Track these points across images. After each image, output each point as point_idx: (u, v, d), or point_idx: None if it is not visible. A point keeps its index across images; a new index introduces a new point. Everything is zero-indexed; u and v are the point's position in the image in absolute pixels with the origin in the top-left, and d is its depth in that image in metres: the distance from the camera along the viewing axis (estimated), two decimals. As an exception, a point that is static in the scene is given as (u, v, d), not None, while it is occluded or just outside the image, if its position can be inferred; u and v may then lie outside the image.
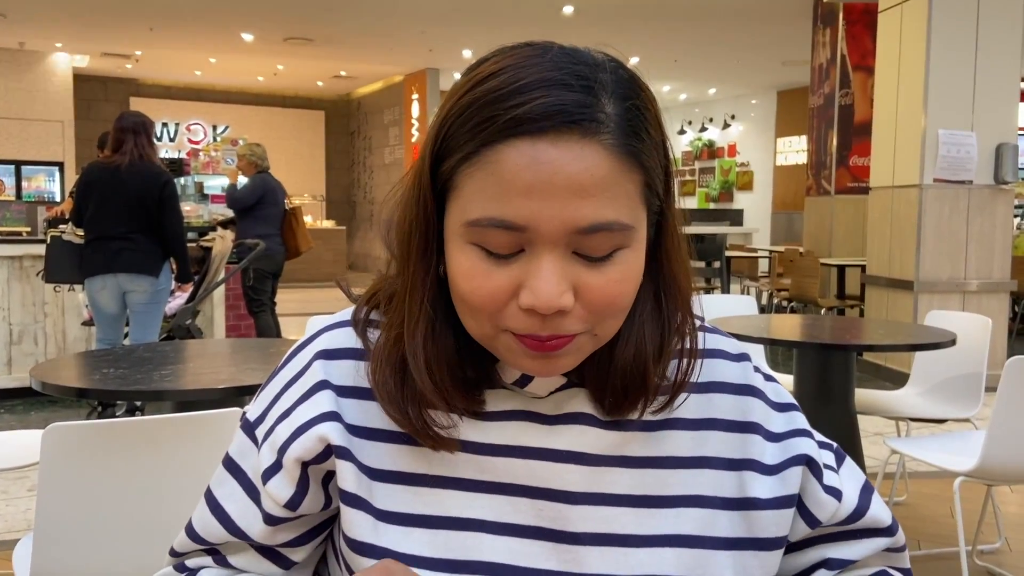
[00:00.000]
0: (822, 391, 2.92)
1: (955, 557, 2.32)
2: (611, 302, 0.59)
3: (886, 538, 0.72)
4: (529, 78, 0.56)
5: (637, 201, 0.59)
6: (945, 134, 5.17)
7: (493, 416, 0.66)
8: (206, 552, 0.70)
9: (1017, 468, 2.38)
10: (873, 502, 0.71)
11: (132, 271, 4.07)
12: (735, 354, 0.72)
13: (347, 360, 0.67)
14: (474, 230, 0.57)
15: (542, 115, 0.55)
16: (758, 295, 8.47)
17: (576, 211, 0.56)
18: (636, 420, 0.66)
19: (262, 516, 0.66)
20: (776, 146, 13.34)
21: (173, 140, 13.87)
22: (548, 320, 0.57)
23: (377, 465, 0.65)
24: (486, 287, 0.58)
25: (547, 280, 0.56)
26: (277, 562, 0.68)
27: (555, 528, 0.64)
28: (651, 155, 0.59)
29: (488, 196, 0.56)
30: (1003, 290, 5.42)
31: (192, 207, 6.12)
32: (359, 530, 0.64)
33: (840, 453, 0.73)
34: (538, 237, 0.56)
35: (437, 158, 0.59)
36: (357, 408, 0.66)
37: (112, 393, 1.76)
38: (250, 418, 0.69)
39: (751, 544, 0.67)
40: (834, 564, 0.70)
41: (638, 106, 0.59)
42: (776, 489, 0.67)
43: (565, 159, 0.55)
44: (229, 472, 0.69)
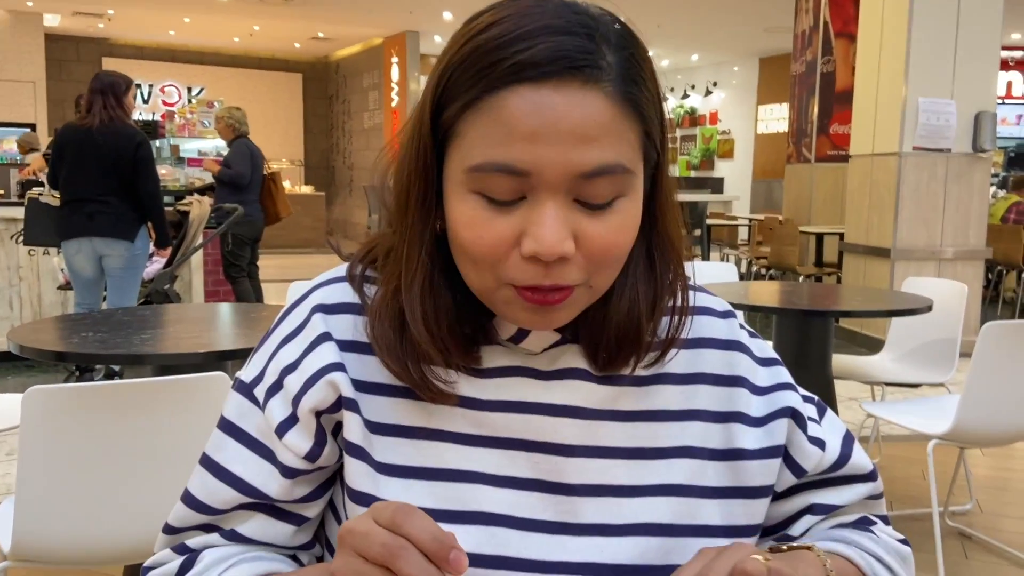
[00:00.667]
0: (800, 356, 2.96)
1: (927, 518, 2.38)
2: (609, 251, 0.59)
3: (868, 484, 0.74)
4: (532, 25, 0.56)
5: (637, 149, 0.59)
6: (925, 102, 5.19)
7: (490, 372, 0.66)
8: (206, 529, 0.68)
9: (989, 431, 2.43)
10: (855, 451, 0.73)
11: (107, 235, 4.02)
12: (722, 311, 0.74)
13: (345, 315, 0.67)
14: (476, 176, 0.57)
15: (546, 60, 0.55)
16: (738, 263, 8.53)
17: (579, 156, 0.56)
18: (628, 375, 0.68)
19: (279, 471, 0.65)
20: (757, 114, 13.34)
21: (147, 102, 13.62)
22: (550, 269, 0.58)
23: (377, 419, 0.65)
24: (488, 236, 0.58)
25: (550, 227, 0.56)
26: (290, 520, 0.67)
27: (551, 480, 0.66)
28: (649, 105, 0.60)
29: (491, 141, 0.56)
30: (978, 258, 5.49)
31: (168, 170, 6.03)
32: (361, 480, 0.64)
33: (821, 406, 0.75)
34: (541, 183, 0.57)
35: (438, 106, 0.59)
36: (357, 362, 0.66)
37: (92, 357, 1.75)
38: (246, 379, 0.69)
39: (738, 492, 0.68)
40: (819, 509, 0.72)
41: (636, 56, 0.59)
42: (762, 440, 0.69)
43: (568, 105, 0.55)
44: (229, 435, 0.68)
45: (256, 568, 0.65)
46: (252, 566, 0.65)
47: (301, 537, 0.69)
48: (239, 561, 0.65)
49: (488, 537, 0.64)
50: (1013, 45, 11.88)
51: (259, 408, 0.67)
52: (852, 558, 0.68)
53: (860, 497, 0.73)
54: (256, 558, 0.66)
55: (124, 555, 1.65)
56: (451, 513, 0.64)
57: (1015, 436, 2.52)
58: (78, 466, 1.49)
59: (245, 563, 0.65)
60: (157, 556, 0.70)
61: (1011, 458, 3.64)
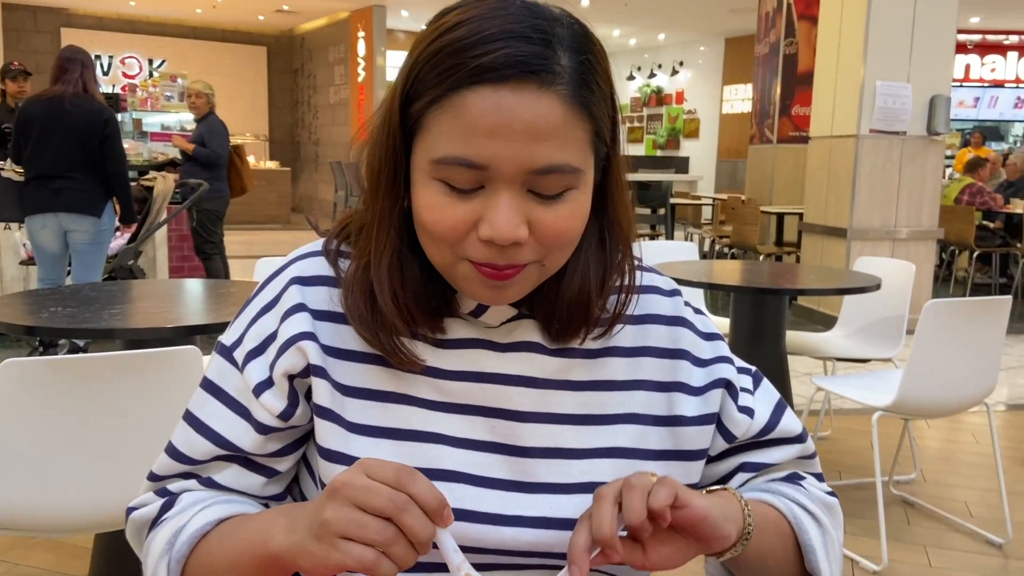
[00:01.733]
0: (755, 333, 3.06)
1: (873, 487, 2.50)
2: (560, 236, 0.66)
3: (797, 445, 0.80)
4: (492, 29, 0.62)
5: (586, 147, 0.66)
6: (883, 85, 5.31)
7: (452, 344, 0.73)
8: (185, 477, 0.74)
9: (931, 404, 2.55)
10: (784, 417, 0.80)
11: (74, 211, 3.99)
12: (668, 290, 0.81)
13: (321, 287, 0.74)
14: (439, 167, 0.63)
15: (504, 65, 0.61)
16: (701, 241, 8.66)
17: (532, 153, 0.62)
18: (579, 348, 0.74)
19: (253, 427, 0.72)
20: (723, 94, 13.45)
21: (107, 74, 13.34)
22: (504, 251, 0.64)
23: (349, 382, 0.72)
24: (448, 219, 0.64)
25: (504, 215, 0.63)
26: (261, 472, 0.74)
27: (507, 443, 0.72)
28: (600, 106, 0.66)
29: (453, 137, 0.62)
30: (931, 238, 5.66)
31: (131, 145, 5.96)
32: (332, 439, 0.71)
33: (758, 376, 0.82)
34: (497, 175, 0.63)
35: (407, 99, 0.65)
36: (332, 330, 0.72)
37: (61, 331, 1.78)
38: (227, 343, 0.75)
39: (677, 455, 0.76)
40: (749, 467, 0.79)
41: (590, 60, 0.65)
42: (700, 408, 0.76)
43: (524, 106, 0.61)
44: (210, 393, 0.74)
45: (229, 509, 0.71)
46: (225, 507, 0.71)
47: (272, 488, 0.75)
48: (214, 503, 0.72)
49: (448, 492, 0.69)
50: (971, 29, 12.11)
51: (238, 370, 0.73)
52: (774, 503, 0.74)
53: (790, 457, 0.80)
54: (229, 501, 0.73)
55: (96, 523, 1.69)
56: (415, 470, 0.71)
57: (954, 408, 2.65)
58: (52, 437, 1.52)
59: (219, 504, 0.71)
60: (141, 498, 0.76)
61: (956, 431, 3.80)
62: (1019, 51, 12.98)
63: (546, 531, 0.71)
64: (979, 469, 3.28)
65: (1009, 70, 13.05)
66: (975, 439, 3.66)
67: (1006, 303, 2.49)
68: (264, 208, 11.84)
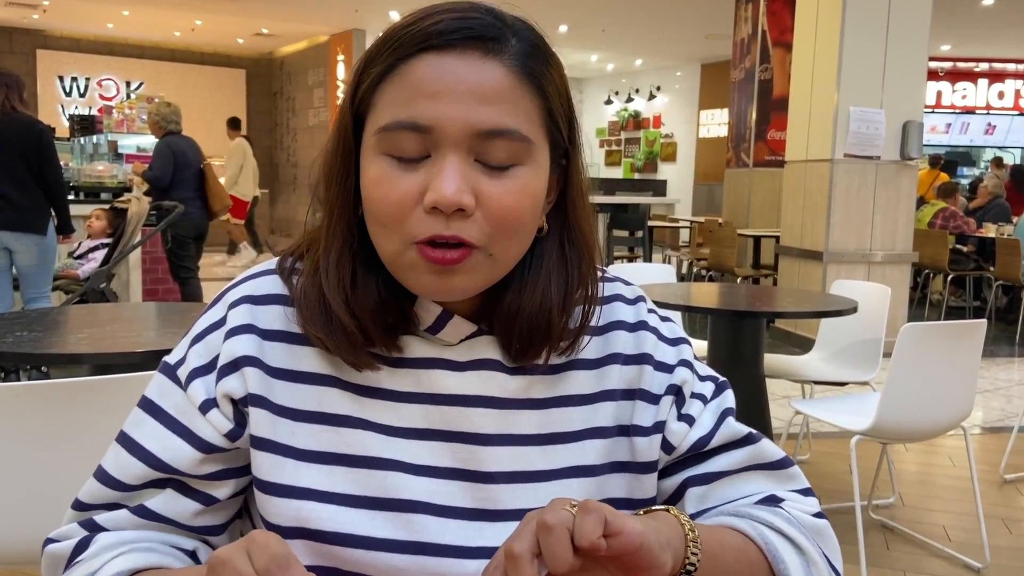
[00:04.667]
0: (733, 355, 3.05)
1: (852, 511, 2.48)
2: (507, 213, 0.63)
3: (744, 448, 0.74)
4: (439, 7, 0.63)
5: (536, 122, 0.65)
6: (856, 111, 5.38)
7: (408, 363, 0.70)
8: (114, 507, 0.69)
9: (908, 427, 2.55)
10: (725, 423, 0.74)
11: (17, 229, 3.92)
12: (632, 298, 0.78)
13: (273, 305, 0.71)
14: (385, 136, 0.63)
15: (450, 30, 0.62)
16: (679, 264, 8.69)
17: (477, 115, 0.61)
18: (541, 364, 0.71)
19: (193, 445, 0.68)
20: (699, 118, 13.59)
21: (84, 96, 13.26)
22: (450, 221, 0.62)
23: (301, 406, 0.68)
24: (394, 193, 0.63)
25: (449, 178, 0.61)
26: (196, 498, 0.69)
27: (469, 468, 0.69)
28: (553, 90, 0.66)
29: (399, 103, 0.62)
30: (905, 261, 5.71)
31: (105, 167, 5.90)
32: (273, 472, 0.67)
33: (722, 387, 0.77)
34: (443, 139, 0.62)
35: (356, 85, 0.65)
36: (283, 351, 0.69)
37: (27, 357, 1.73)
38: (170, 361, 0.72)
39: (634, 467, 0.73)
40: (695, 481, 0.73)
41: (540, 48, 0.66)
42: (654, 417, 0.73)
43: (469, 69, 0.62)
44: (148, 413, 0.70)
45: (145, 559, 0.65)
46: (141, 557, 0.65)
47: (206, 519, 0.70)
48: (129, 550, 0.66)
49: (407, 523, 0.67)
50: (942, 56, 12.35)
51: (180, 388, 0.69)
52: (740, 527, 0.67)
53: (739, 464, 0.73)
54: (147, 550, 0.67)
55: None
56: (372, 499, 0.67)
57: (932, 432, 2.65)
58: (13, 465, 1.48)
59: (134, 552, 0.66)
60: (61, 530, 0.70)
61: (933, 454, 3.81)
62: (989, 78, 13.25)
63: None
64: (957, 492, 3.29)
65: (980, 97, 13.30)
66: (952, 462, 3.67)
67: (981, 326, 2.50)
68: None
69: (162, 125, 5.63)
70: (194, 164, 5.62)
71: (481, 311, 0.71)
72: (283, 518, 0.67)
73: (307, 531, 0.67)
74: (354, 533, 0.66)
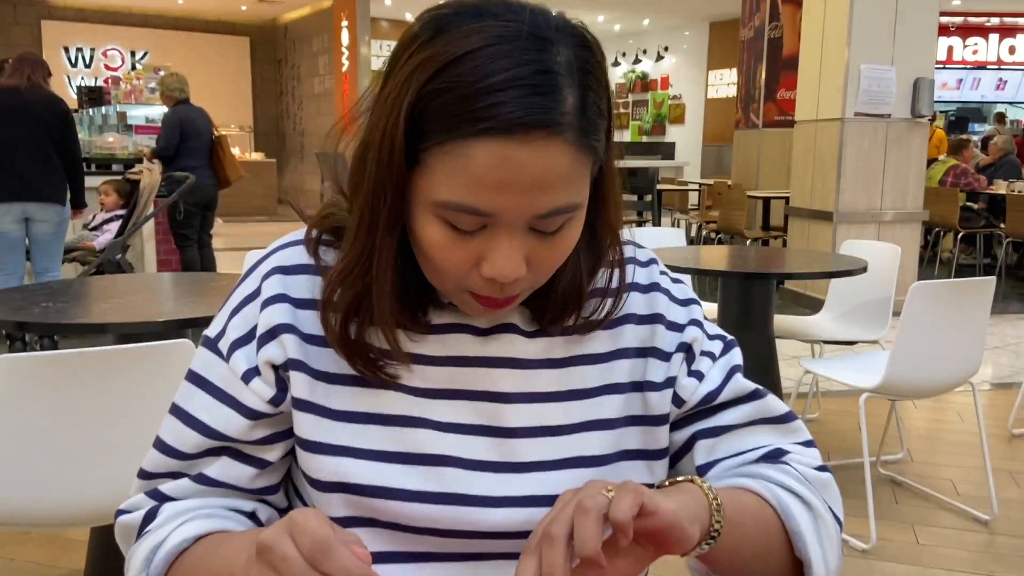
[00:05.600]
0: (743, 317, 3.09)
1: (861, 467, 2.53)
2: (554, 264, 0.68)
3: (751, 403, 0.78)
4: (499, 75, 0.59)
5: (587, 178, 0.66)
6: (867, 68, 5.33)
7: (435, 329, 0.74)
8: (176, 476, 0.74)
9: (916, 384, 2.58)
10: (734, 379, 0.78)
11: (42, 200, 4.03)
12: (645, 260, 0.82)
13: (303, 275, 0.74)
14: (442, 209, 0.63)
15: (511, 119, 0.59)
16: (688, 227, 8.69)
17: (538, 201, 0.62)
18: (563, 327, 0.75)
19: (242, 414, 0.72)
20: (708, 79, 13.47)
21: (89, 66, 13.23)
22: (505, 286, 0.66)
23: (336, 370, 0.72)
24: (452, 258, 0.65)
25: (507, 257, 0.64)
26: (251, 463, 0.74)
27: (493, 425, 0.73)
28: (600, 131, 0.64)
29: (459, 184, 0.61)
30: (915, 220, 5.70)
31: (116, 138, 5.92)
32: (313, 431, 0.71)
33: (731, 344, 0.81)
34: (501, 221, 0.63)
35: (408, 135, 0.62)
36: (315, 318, 0.72)
37: (57, 327, 1.78)
38: (211, 335, 0.75)
39: (648, 420, 0.76)
40: (704, 434, 0.77)
41: (592, 87, 0.63)
42: (666, 372, 0.77)
43: (531, 158, 0.60)
44: (196, 386, 0.74)
45: (208, 525, 0.70)
46: (204, 523, 0.70)
47: (263, 481, 0.75)
48: (192, 518, 0.71)
49: (437, 476, 0.71)
50: (953, 11, 12.17)
51: (223, 360, 0.73)
52: (755, 488, 0.71)
53: (746, 418, 0.77)
54: (208, 516, 0.71)
55: (91, 517, 1.70)
56: (404, 455, 0.71)
57: (940, 388, 2.69)
58: (47, 431, 1.53)
59: (199, 519, 0.71)
60: (131, 500, 0.75)
61: (942, 410, 3.85)
62: (1000, 33, 13.06)
63: (536, 509, 0.71)
64: (965, 447, 3.33)
65: (991, 52, 13.12)
66: (960, 418, 3.71)
67: (990, 284, 2.52)
68: (250, 200, 11.78)
69: (170, 95, 5.67)
70: (204, 133, 5.66)
71: None
72: (323, 474, 0.71)
73: (345, 485, 0.71)
74: (389, 486, 0.71)
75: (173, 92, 5.63)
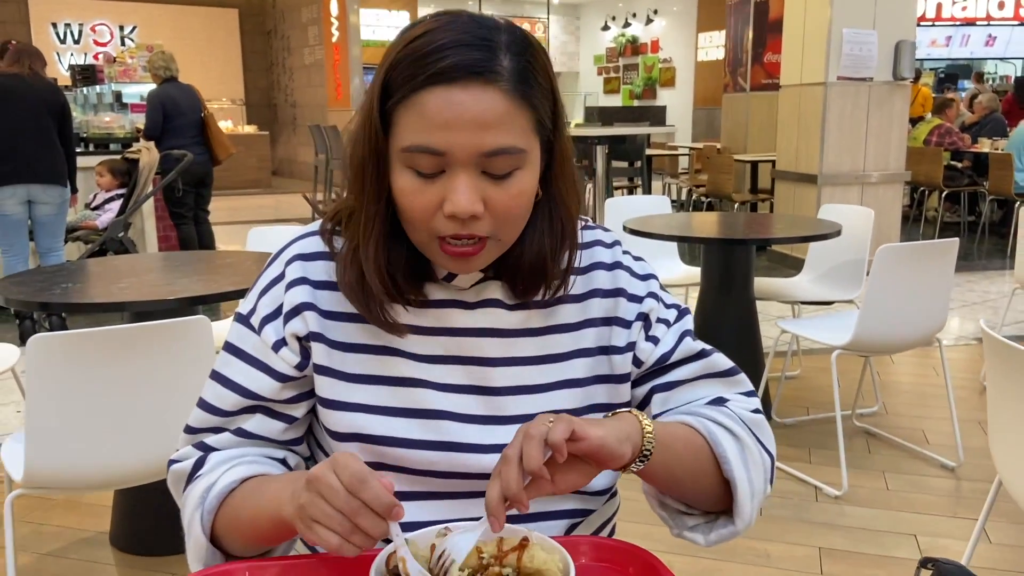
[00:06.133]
0: (725, 281, 3.23)
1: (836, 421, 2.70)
2: (510, 211, 0.80)
3: (699, 361, 0.92)
4: (445, 39, 0.75)
5: (530, 132, 0.79)
6: (849, 32, 5.42)
7: (430, 304, 0.88)
8: (218, 430, 0.89)
9: (885, 340, 2.74)
10: (684, 342, 0.92)
11: (48, 181, 4.19)
12: (609, 242, 0.96)
13: (320, 261, 0.89)
14: (406, 155, 0.77)
15: (453, 68, 0.74)
16: (678, 192, 8.80)
17: (481, 139, 0.75)
18: (535, 300, 0.89)
19: (272, 377, 0.87)
20: (697, 41, 13.46)
21: (78, 42, 13.19)
22: (465, 223, 0.78)
23: (349, 340, 0.87)
24: (419, 203, 0.78)
25: (463, 193, 0.76)
26: (281, 419, 0.89)
27: (481, 385, 0.88)
28: (540, 98, 0.79)
29: (417, 129, 0.76)
30: (898, 180, 5.83)
31: (112, 117, 6.00)
32: (331, 391, 0.86)
33: (684, 312, 0.96)
34: (454, 160, 0.76)
35: (383, 97, 0.79)
36: (331, 297, 0.87)
37: (79, 306, 1.92)
38: (243, 311, 0.90)
39: (612, 379, 0.91)
40: (660, 388, 0.92)
41: (530, 61, 0.79)
42: (627, 338, 0.91)
43: (472, 100, 0.74)
44: (232, 355, 0.89)
45: (251, 469, 0.85)
46: (248, 468, 0.85)
47: (291, 434, 0.90)
48: (237, 463, 0.86)
49: (435, 428, 0.86)
50: (942, -32, 12.13)
51: (255, 332, 0.88)
52: (689, 422, 0.86)
53: (695, 373, 0.92)
54: (251, 462, 0.87)
55: (120, 480, 1.85)
56: (407, 410, 0.86)
57: (907, 344, 2.85)
58: (78, 403, 1.67)
59: (243, 465, 0.86)
60: (181, 452, 0.90)
61: (919, 365, 4.02)
62: (990, -12, 13.04)
63: None
64: (938, 400, 3.50)
65: (980, 8, 13.12)
66: (936, 372, 3.88)
67: (953, 245, 2.66)
68: (244, 173, 11.84)
69: (156, 74, 5.74)
70: (189, 112, 5.69)
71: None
72: (341, 426, 0.87)
73: (359, 436, 0.86)
74: (395, 436, 0.86)
75: (158, 70, 5.70)
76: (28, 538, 2.42)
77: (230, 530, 0.83)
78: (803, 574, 2.23)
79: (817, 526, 2.48)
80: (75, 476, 1.74)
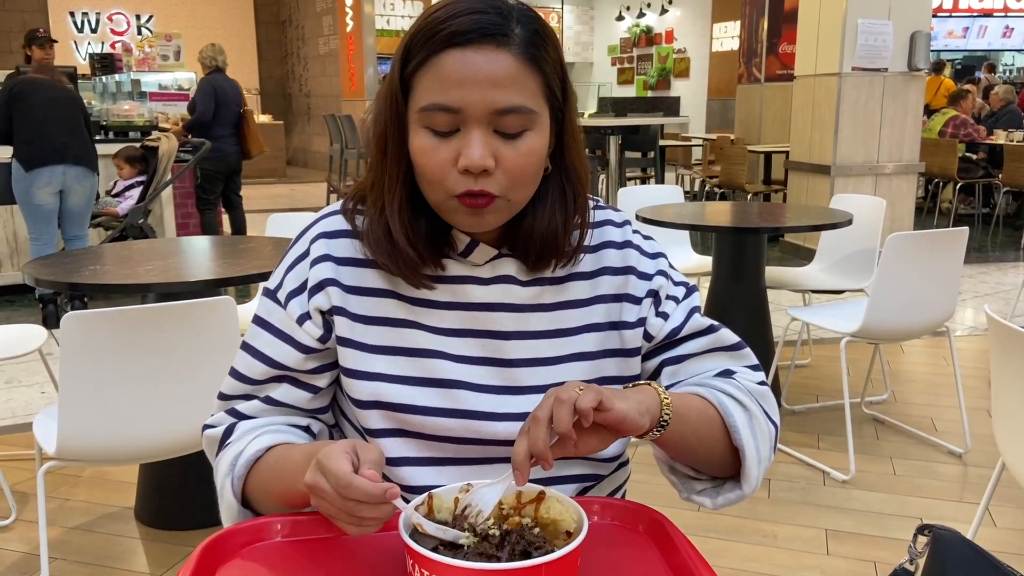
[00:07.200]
0: (736, 269, 3.26)
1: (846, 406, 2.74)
2: (520, 170, 0.85)
3: (707, 336, 0.97)
4: (461, 8, 0.82)
5: (539, 95, 0.85)
6: (864, 23, 5.42)
7: (447, 280, 0.93)
8: (248, 398, 0.94)
9: (893, 329, 2.77)
10: (693, 318, 0.97)
11: (82, 164, 4.36)
12: (619, 221, 1.01)
13: (343, 239, 0.94)
14: (424, 114, 0.82)
15: (467, 31, 0.80)
16: (692, 182, 8.81)
17: (494, 97, 0.81)
18: (548, 277, 0.94)
19: (297, 349, 0.92)
20: (712, 32, 13.41)
21: (95, 31, 13.29)
22: (478, 179, 0.83)
23: (370, 313, 0.92)
24: (435, 160, 0.84)
25: (475, 147, 0.81)
26: (307, 389, 0.94)
27: (495, 356, 0.93)
28: (549, 65, 0.84)
29: (433, 89, 0.81)
30: (912, 172, 5.83)
31: (132, 106, 6.08)
32: (353, 361, 0.92)
33: (692, 290, 1.01)
34: (468, 116, 0.81)
35: (403, 66, 0.85)
36: (354, 273, 0.92)
37: (109, 287, 1.98)
38: (271, 287, 0.96)
39: (623, 353, 0.96)
40: (670, 361, 0.97)
41: (538, 31, 0.85)
42: (637, 314, 0.96)
43: (484, 60, 0.80)
44: (260, 327, 0.95)
45: (276, 439, 0.90)
46: (274, 436, 0.91)
47: (316, 403, 0.95)
48: (264, 432, 0.91)
49: (452, 397, 0.91)
50: (960, -42, 12.04)
51: (281, 307, 0.93)
52: (701, 393, 0.90)
53: (703, 347, 0.96)
54: (276, 431, 0.92)
55: (148, 453, 1.92)
56: (425, 380, 0.91)
57: (915, 332, 2.88)
58: (109, 379, 1.74)
59: (268, 434, 0.91)
60: (214, 418, 0.96)
61: (930, 355, 4.04)
62: (1008, -21, 12.94)
63: None
64: (946, 388, 3.52)
65: (998, -1, 13.03)
66: (946, 361, 3.90)
67: (963, 234, 2.69)
68: (260, 162, 11.79)
69: (204, 63, 5.94)
70: (232, 104, 5.92)
71: (501, 238, 0.94)
72: (363, 395, 0.92)
73: (380, 403, 0.91)
74: (414, 404, 0.91)
75: (206, 60, 5.97)
76: (56, 512, 2.50)
77: (260, 495, 0.89)
78: (809, 554, 2.28)
79: (824, 509, 2.52)
80: (105, 449, 1.81)
